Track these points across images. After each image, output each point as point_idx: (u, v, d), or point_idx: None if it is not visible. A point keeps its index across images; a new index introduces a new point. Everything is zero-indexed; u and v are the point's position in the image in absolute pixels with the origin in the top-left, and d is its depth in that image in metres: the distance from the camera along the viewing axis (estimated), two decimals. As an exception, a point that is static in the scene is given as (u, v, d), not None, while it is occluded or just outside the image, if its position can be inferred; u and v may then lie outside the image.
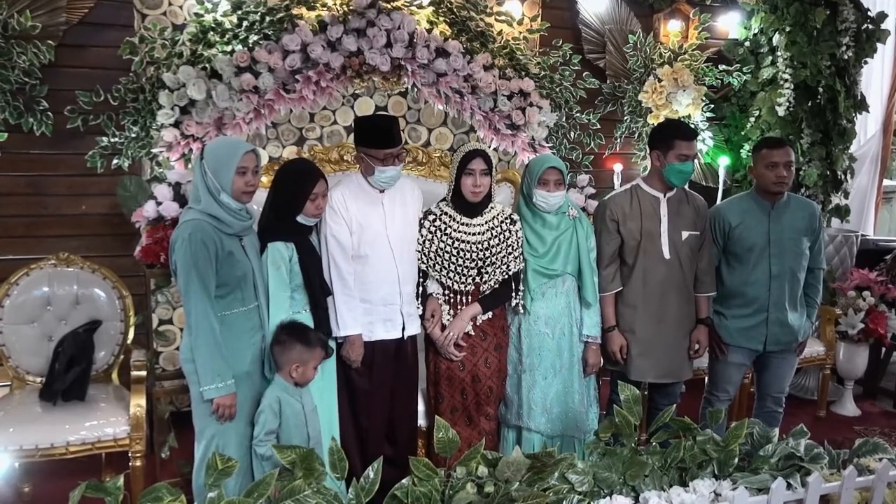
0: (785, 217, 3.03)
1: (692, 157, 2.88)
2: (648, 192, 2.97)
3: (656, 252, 2.92)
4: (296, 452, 1.84)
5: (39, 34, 3.29)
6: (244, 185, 2.37)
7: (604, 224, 2.96)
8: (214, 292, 2.33)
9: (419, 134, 3.69)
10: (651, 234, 2.92)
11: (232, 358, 2.37)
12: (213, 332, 2.31)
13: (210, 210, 2.34)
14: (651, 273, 2.93)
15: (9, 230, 3.54)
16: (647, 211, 2.94)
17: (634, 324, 2.96)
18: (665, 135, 2.91)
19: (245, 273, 2.42)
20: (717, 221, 3.07)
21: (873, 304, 4.16)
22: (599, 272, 2.94)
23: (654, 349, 2.97)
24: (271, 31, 3.16)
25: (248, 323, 2.46)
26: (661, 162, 2.89)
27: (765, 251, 3.01)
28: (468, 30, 3.49)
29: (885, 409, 4.43)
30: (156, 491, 1.68)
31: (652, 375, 3.01)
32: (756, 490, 2.02)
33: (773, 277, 3.01)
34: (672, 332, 2.99)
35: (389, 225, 2.73)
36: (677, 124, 2.97)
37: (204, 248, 2.29)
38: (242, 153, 2.36)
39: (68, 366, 2.93)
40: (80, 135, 3.33)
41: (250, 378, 2.46)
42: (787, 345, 3.11)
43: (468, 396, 2.84)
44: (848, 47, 4.44)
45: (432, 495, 1.83)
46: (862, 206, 5.34)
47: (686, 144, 2.85)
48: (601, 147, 4.24)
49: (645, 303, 2.94)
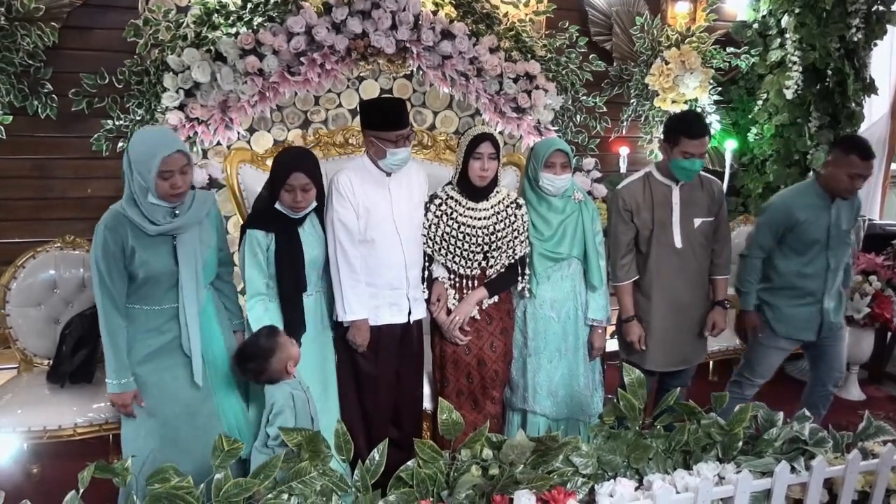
0: (842, 212, 3.03)
1: (699, 156, 2.81)
2: (661, 180, 2.93)
3: (668, 241, 2.91)
4: (301, 435, 1.85)
5: (43, 16, 3.28)
6: (169, 188, 2.17)
7: (618, 214, 2.93)
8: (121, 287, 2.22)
9: (424, 117, 3.68)
10: (663, 224, 2.90)
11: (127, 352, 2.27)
12: (112, 328, 2.21)
13: (126, 210, 2.20)
14: (664, 262, 2.92)
15: (15, 213, 3.55)
16: (660, 200, 2.91)
17: (650, 313, 2.96)
18: (673, 129, 2.85)
19: (160, 273, 2.25)
20: (783, 216, 3.03)
21: (879, 289, 4.15)
22: (616, 261, 2.93)
23: (668, 338, 2.97)
24: (276, 14, 3.15)
25: (150, 322, 2.29)
26: (668, 155, 2.87)
27: (825, 245, 3.01)
28: (474, 12, 3.47)
29: (890, 394, 4.43)
30: (163, 472, 1.69)
31: (666, 364, 3.01)
32: (760, 473, 2.02)
33: (829, 270, 3.03)
34: (686, 320, 2.99)
35: (396, 209, 2.73)
36: (687, 120, 2.88)
37: (111, 242, 2.17)
38: (162, 157, 2.12)
39: (75, 348, 2.95)
40: (84, 117, 3.33)
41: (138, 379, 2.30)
42: (838, 330, 3.17)
43: (474, 380, 2.85)
44: (857, 29, 4.39)
45: (437, 477, 1.84)
46: (868, 191, 5.31)
47: (691, 143, 2.77)
48: (607, 130, 4.22)
49: (659, 292, 2.94)
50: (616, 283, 2.96)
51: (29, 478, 3.06)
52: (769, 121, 4.55)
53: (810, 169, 4.47)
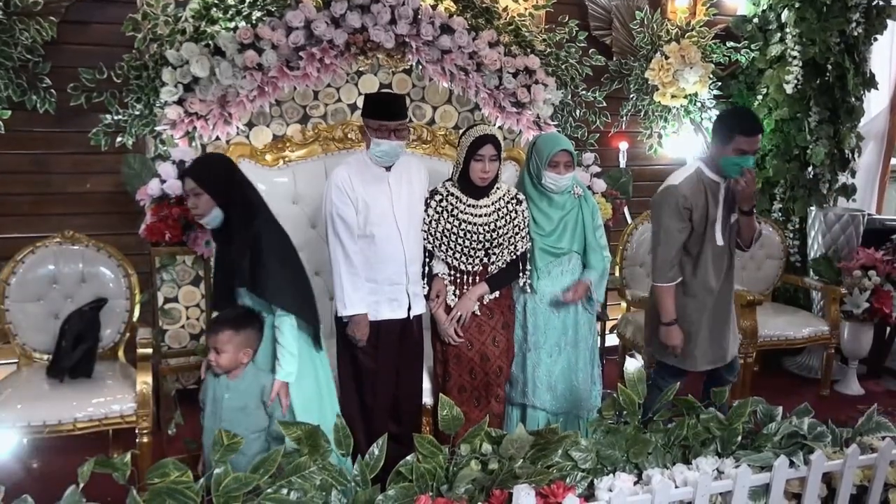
0: None
1: (752, 153, 2.74)
2: (711, 177, 2.83)
3: (713, 239, 2.84)
4: (301, 429, 1.85)
5: (41, 10, 3.26)
6: None
7: (675, 212, 2.78)
8: None
9: (424, 112, 3.67)
10: (712, 222, 2.83)
11: None
12: None
13: None
14: (709, 261, 2.85)
15: (14, 208, 3.54)
16: (709, 197, 2.83)
17: (697, 313, 2.89)
18: (729, 126, 2.74)
19: None
20: None
21: (879, 284, 4.15)
22: (666, 261, 2.81)
23: (713, 336, 2.92)
24: (274, 8, 3.14)
25: None
26: (720, 152, 2.76)
27: None
28: (473, 6, 3.46)
29: (888, 389, 4.44)
30: (163, 467, 1.69)
31: (714, 361, 2.96)
32: (759, 468, 2.03)
33: None
34: (725, 315, 2.96)
35: (396, 204, 2.72)
36: (742, 117, 2.81)
37: None
38: None
39: (75, 343, 2.95)
40: (83, 112, 3.31)
41: None
42: None
43: (477, 377, 2.85)
44: (857, 24, 4.38)
45: (436, 472, 1.84)
46: (867, 185, 5.30)
47: (747, 140, 2.70)
48: (607, 125, 4.21)
49: (704, 292, 2.87)
50: (662, 284, 2.84)
51: (29, 472, 3.07)
52: (769, 115, 4.54)
53: (810, 164, 4.47)
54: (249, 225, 2.42)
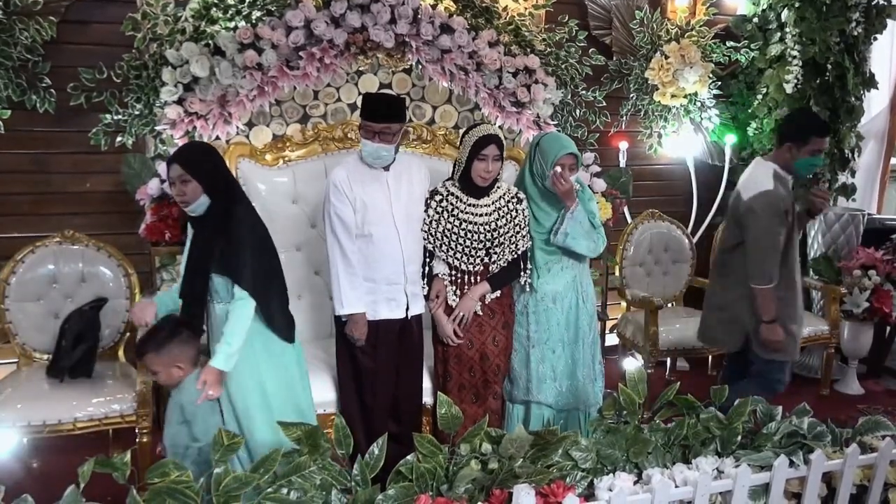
0: None
1: (823, 152, 2.96)
2: (786, 177, 2.98)
3: (794, 236, 3.01)
4: (301, 429, 1.86)
5: (41, 10, 3.26)
6: None
7: (777, 217, 2.87)
8: None
9: (424, 111, 3.67)
10: (793, 220, 2.99)
11: None
12: None
13: None
14: (792, 258, 3.01)
15: (14, 208, 3.54)
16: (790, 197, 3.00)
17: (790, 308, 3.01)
18: (801, 128, 2.93)
19: None
20: None
21: (879, 283, 4.15)
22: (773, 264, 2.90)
23: (800, 323, 3.10)
24: (274, 7, 3.13)
25: None
26: (793, 154, 2.92)
27: None
28: (473, 6, 3.45)
29: (888, 388, 4.44)
30: (163, 466, 1.69)
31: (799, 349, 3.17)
32: (759, 467, 2.03)
33: None
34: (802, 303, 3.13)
35: (394, 204, 2.72)
36: (814, 119, 3.03)
37: None
38: None
39: (75, 343, 2.94)
40: (83, 112, 3.31)
41: None
42: None
43: (476, 374, 2.86)
44: (857, 23, 4.39)
45: (436, 471, 1.84)
46: (867, 185, 5.30)
47: (821, 141, 2.91)
48: (607, 125, 4.21)
49: (792, 288, 3.02)
50: (766, 287, 2.90)
51: (29, 472, 3.07)
52: (769, 115, 4.54)
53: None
54: (232, 210, 2.45)
